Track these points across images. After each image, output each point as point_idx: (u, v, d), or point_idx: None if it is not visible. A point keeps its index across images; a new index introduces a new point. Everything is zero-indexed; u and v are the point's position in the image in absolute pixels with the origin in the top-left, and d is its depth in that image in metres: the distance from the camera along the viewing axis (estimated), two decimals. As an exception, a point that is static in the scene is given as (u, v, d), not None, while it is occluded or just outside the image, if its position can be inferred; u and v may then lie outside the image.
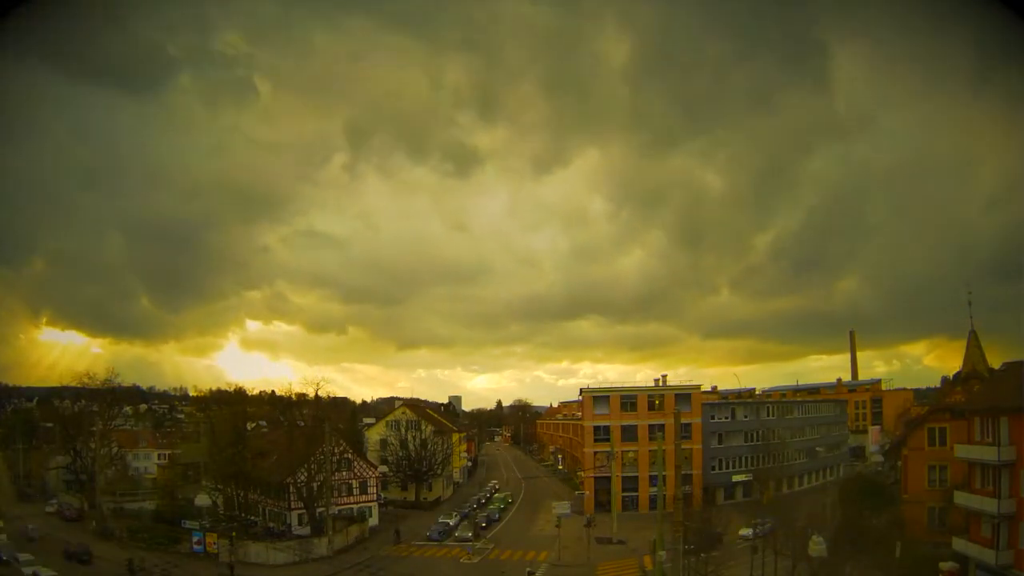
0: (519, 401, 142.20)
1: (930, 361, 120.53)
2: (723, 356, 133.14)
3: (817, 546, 35.54)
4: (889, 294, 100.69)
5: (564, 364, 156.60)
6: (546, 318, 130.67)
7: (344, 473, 61.79)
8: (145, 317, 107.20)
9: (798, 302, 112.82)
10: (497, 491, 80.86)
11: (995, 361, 56.85)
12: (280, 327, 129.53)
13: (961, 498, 41.52)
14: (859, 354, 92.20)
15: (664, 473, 53.20)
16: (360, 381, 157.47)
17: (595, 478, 67.86)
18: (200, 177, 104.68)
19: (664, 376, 72.84)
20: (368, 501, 63.67)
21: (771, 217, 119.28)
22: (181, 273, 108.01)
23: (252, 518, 60.14)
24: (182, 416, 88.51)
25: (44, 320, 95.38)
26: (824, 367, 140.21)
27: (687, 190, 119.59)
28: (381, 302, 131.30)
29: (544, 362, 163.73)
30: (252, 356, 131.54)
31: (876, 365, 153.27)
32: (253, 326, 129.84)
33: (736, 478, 69.48)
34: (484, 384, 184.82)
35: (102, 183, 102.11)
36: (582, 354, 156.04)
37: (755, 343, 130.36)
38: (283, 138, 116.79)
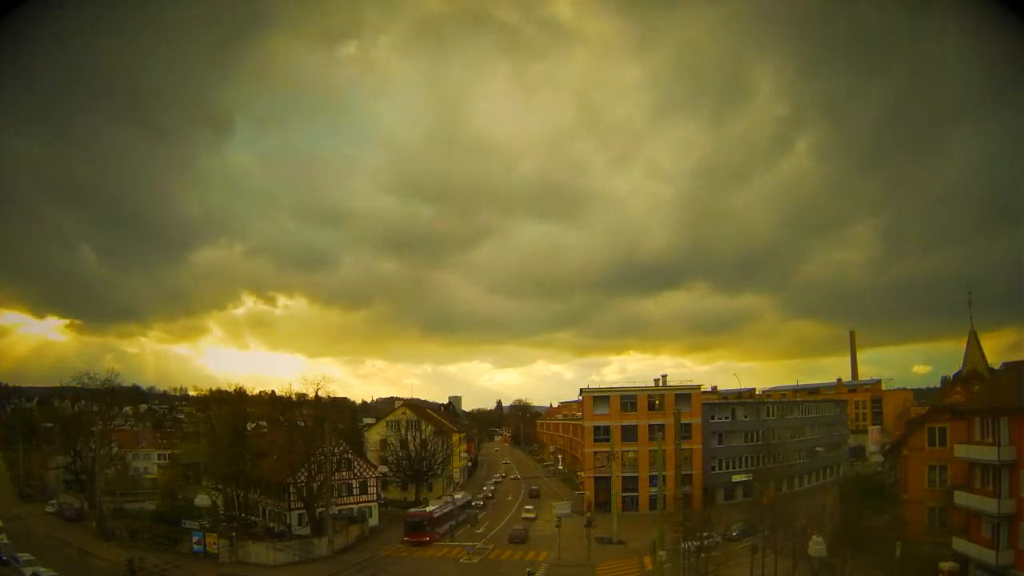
0: (519, 401, 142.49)
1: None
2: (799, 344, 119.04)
3: (817, 546, 35.49)
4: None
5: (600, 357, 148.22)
6: (615, 289, 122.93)
7: (344, 473, 61.78)
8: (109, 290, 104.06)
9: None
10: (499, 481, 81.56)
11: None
12: (281, 303, 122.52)
13: (961, 498, 41.50)
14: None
15: (664, 473, 53.23)
16: (371, 377, 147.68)
17: (595, 478, 67.89)
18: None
19: (664, 376, 72.98)
20: (368, 501, 63.68)
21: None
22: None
23: (252, 518, 60.12)
24: (182, 416, 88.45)
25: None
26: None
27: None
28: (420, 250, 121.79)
29: (586, 354, 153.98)
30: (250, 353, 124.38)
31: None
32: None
33: (736, 478, 69.48)
34: (512, 380, 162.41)
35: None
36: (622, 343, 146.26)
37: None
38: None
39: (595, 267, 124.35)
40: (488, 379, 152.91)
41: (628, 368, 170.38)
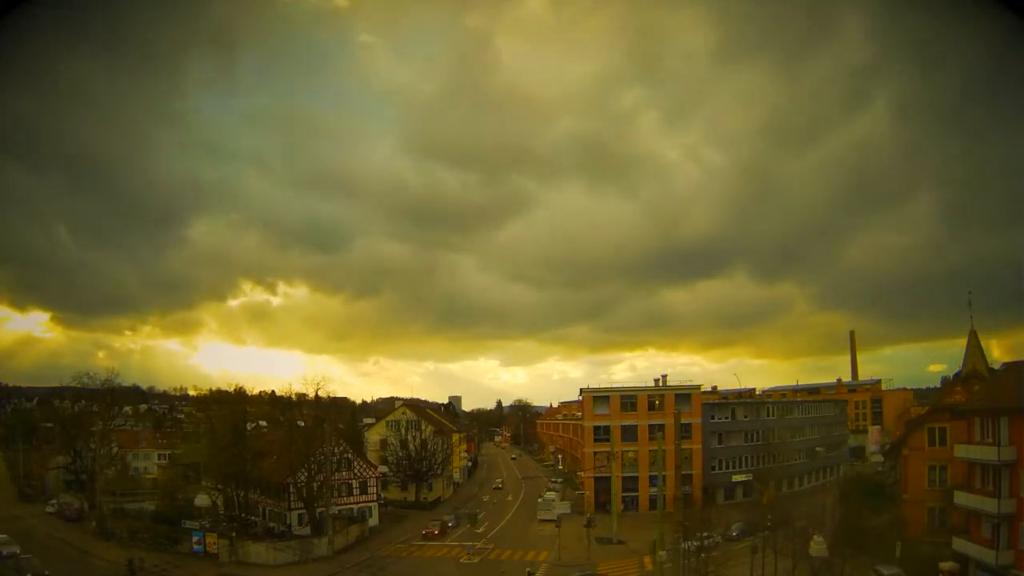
0: (519, 401, 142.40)
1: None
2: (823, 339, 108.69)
3: (818, 546, 35.51)
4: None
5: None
6: (647, 275, 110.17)
7: (344, 473, 61.77)
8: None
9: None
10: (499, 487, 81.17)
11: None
12: (281, 291, 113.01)
13: (961, 498, 41.51)
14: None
15: (664, 473, 53.22)
16: (372, 376, 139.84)
17: (595, 478, 67.88)
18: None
19: (664, 376, 73.00)
20: (368, 501, 63.64)
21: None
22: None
23: (252, 518, 60.09)
24: (182, 416, 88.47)
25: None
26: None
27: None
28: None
29: (600, 350, 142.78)
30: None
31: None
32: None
33: (736, 478, 69.46)
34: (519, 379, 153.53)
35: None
36: (641, 338, 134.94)
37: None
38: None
39: (629, 249, 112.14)
40: (493, 377, 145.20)
41: (638, 366, 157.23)
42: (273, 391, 75.36)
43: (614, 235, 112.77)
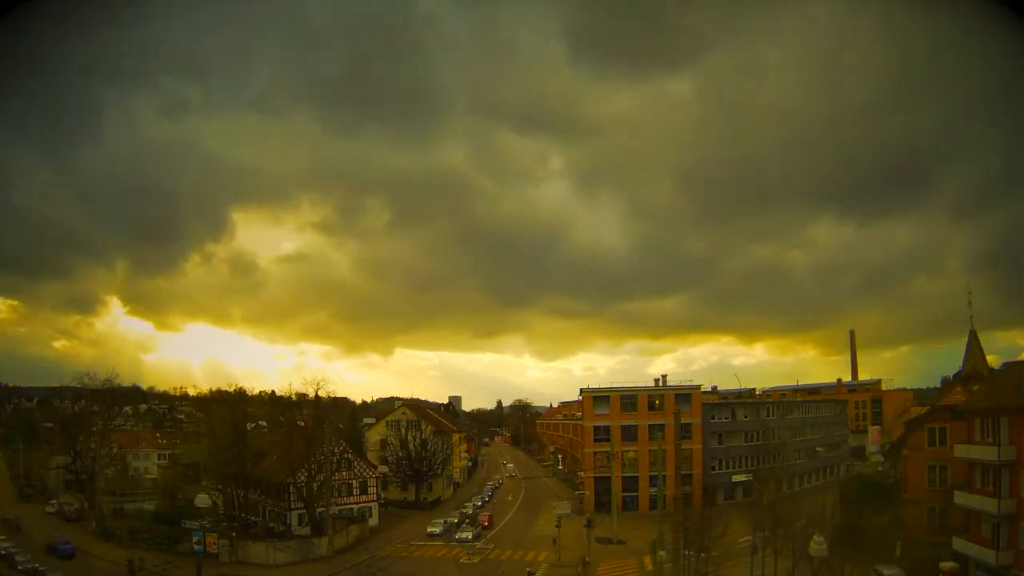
0: (519, 401, 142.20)
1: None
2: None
3: (818, 546, 35.52)
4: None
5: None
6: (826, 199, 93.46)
7: (344, 473, 61.79)
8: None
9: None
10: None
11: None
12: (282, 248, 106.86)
13: (961, 498, 41.53)
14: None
15: (664, 473, 53.23)
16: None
17: (595, 478, 67.86)
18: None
19: (664, 376, 73.03)
20: (368, 501, 63.67)
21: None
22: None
23: (252, 518, 60.09)
24: (182, 416, 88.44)
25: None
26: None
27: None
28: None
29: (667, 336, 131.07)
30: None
31: None
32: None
33: (736, 478, 69.42)
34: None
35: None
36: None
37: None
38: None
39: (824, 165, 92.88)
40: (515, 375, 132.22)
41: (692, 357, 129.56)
42: (273, 391, 75.45)
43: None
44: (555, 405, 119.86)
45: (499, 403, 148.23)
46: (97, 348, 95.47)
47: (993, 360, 58.58)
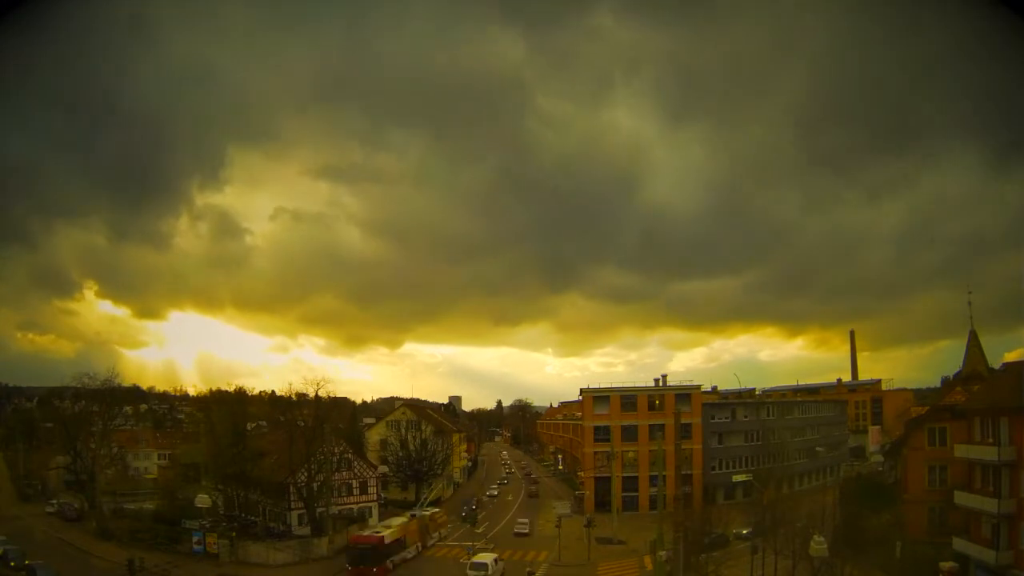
0: (519, 401, 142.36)
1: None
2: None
3: (818, 546, 35.53)
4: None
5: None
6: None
7: (344, 473, 61.77)
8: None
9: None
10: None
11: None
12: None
13: (961, 498, 41.56)
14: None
15: (664, 473, 53.25)
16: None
17: (595, 478, 67.89)
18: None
19: (664, 376, 73.05)
20: (368, 501, 63.71)
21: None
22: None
23: (252, 518, 60.11)
24: (182, 416, 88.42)
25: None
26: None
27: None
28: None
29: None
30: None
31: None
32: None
33: (736, 478, 69.35)
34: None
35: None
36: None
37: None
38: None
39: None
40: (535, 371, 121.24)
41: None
42: (273, 391, 75.30)
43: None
44: (555, 405, 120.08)
45: (499, 403, 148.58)
46: (76, 342, 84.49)
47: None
